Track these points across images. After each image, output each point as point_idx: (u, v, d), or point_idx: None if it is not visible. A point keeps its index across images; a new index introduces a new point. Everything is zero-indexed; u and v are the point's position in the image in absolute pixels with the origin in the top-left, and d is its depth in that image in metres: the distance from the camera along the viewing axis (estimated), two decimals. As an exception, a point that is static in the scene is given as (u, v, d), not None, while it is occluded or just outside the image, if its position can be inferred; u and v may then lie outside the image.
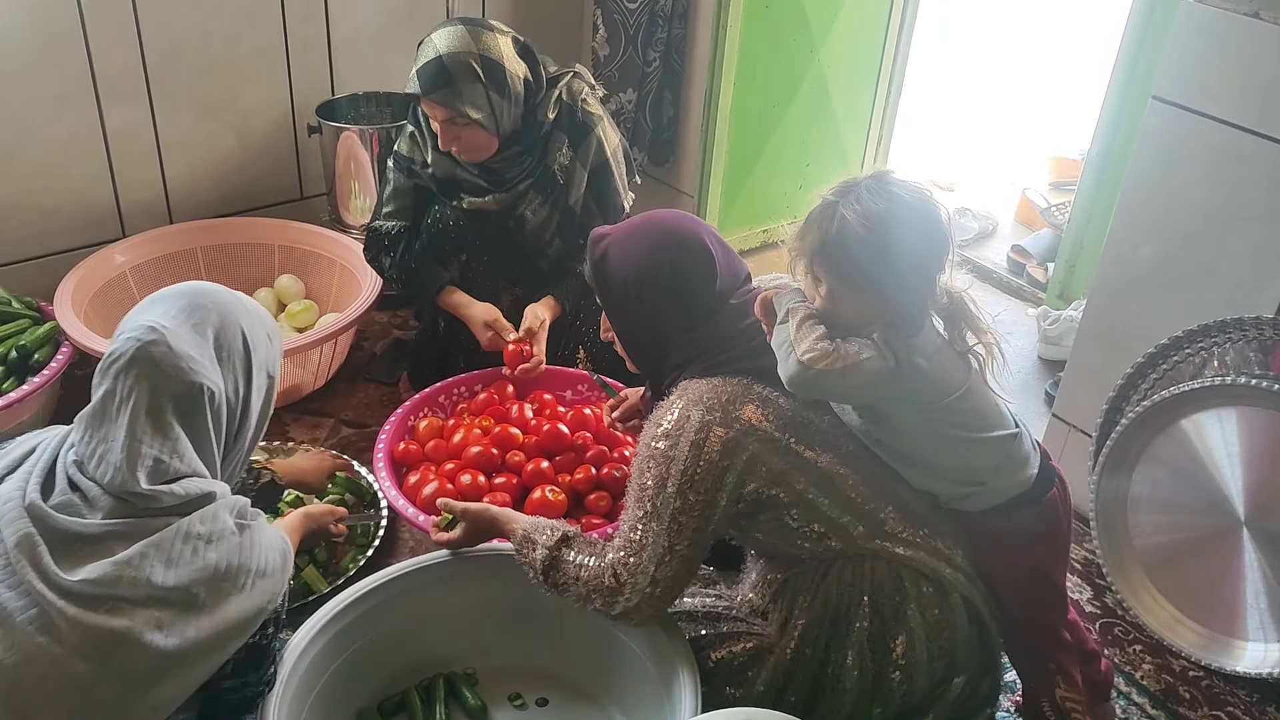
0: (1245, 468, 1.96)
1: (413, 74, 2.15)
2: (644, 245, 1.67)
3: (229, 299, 1.45)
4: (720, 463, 1.50)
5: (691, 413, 1.52)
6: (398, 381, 2.67)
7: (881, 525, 1.55)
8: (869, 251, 1.43)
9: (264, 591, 1.38)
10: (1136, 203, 2.11)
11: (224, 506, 1.36)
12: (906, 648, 1.56)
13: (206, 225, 2.82)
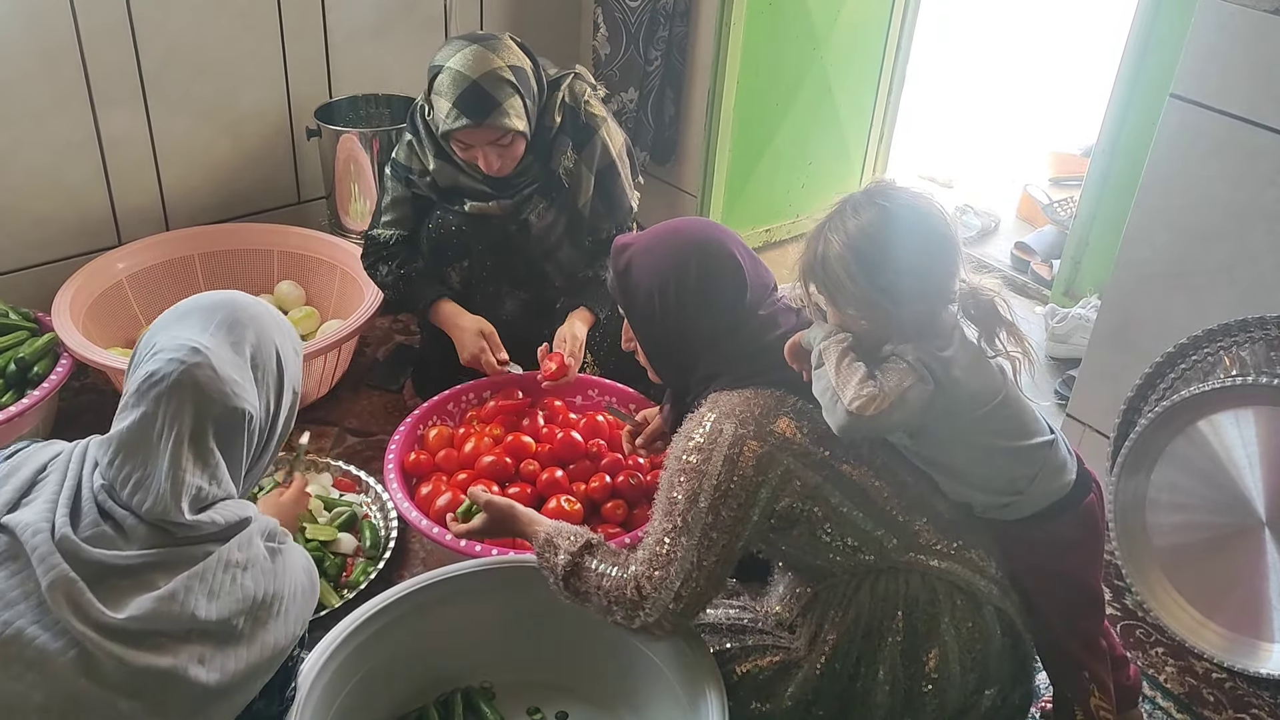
0: (1265, 468, 1.95)
1: (447, 108, 2.09)
2: (669, 254, 1.62)
3: (263, 314, 1.39)
4: (755, 478, 1.47)
5: (725, 426, 1.49)
6: (402, 388, 2.63)
7: (915, 538, 1.53)
8: (855, 272, 1.42)
9: (297, 617, 1.34)
10: (1153, 200, 2.09)
11: (257, 530, 1.32)
12: (940, 661, 1.53)
13: (204, 231, 2.77)
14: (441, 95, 2.09)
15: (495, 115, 2.08)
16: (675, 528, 1.49)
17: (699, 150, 3.14)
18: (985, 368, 1.49)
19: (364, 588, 1.99)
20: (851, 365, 1.43)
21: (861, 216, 1.42)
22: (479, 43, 2.12)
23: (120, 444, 1.26)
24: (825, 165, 3.46)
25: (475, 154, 2.14)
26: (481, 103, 2.07)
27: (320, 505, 2.15)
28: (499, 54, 2.11)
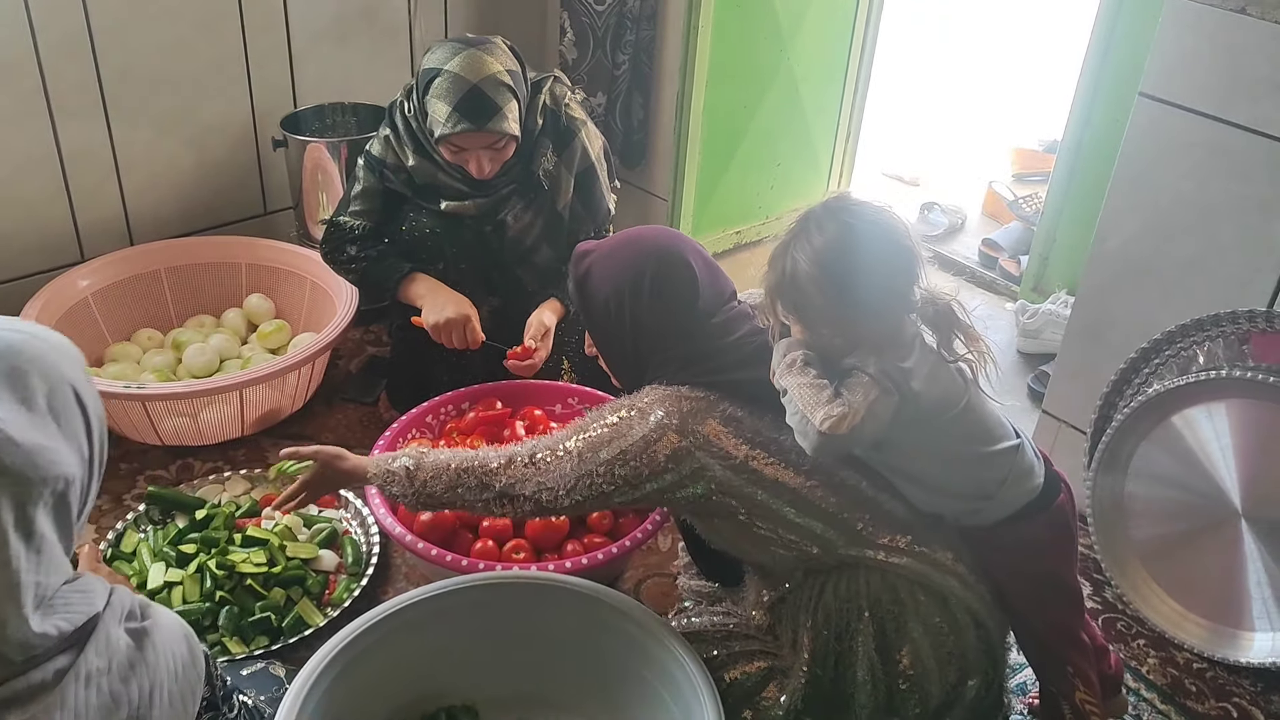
0: (1240, 460, 1.98)
1: (446, 111, 2.06)
2: (626, 263, 1.65)
3: (41, 348, 1.10)
4: (663, 464, 1.52)
5: (655, 410, 1.54)
6: (376, 400, 2.60)
7: (859, 532, 1.54)
8: (826, 288, 1.44)
9: (185, 694, 1.17)
10: (1124, 198, 2.11)
11: (113, 620, 1.10)
12: (913, 659, 1.55)
13: (170, 245, 2.73)
14: (440, 99, 2.07)
15: (496, 120, 2.07)
16: (567, 452, 1.55)
17: (669, 154, 3.14)
18: (946, 375, 1.51)
19: (348, 605, 1.97)
20: (815, 386, 1.45)
21: (826, 233, 1.44)
22: (476, 46, 2.10)
23: None
24: (793, 166, 3.47)
25: (467, 157, 2.13)
26: (482, 107, 2.06)
27: (300, 522, 2.12)
28: (496, 58, 2.10)
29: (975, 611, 1.58)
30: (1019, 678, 1.91)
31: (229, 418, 2.34)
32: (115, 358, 2.53)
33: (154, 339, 2.63)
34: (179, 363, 2.55)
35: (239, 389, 2.26)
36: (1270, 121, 1.87)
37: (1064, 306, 2.91)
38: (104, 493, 2.27)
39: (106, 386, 2.23)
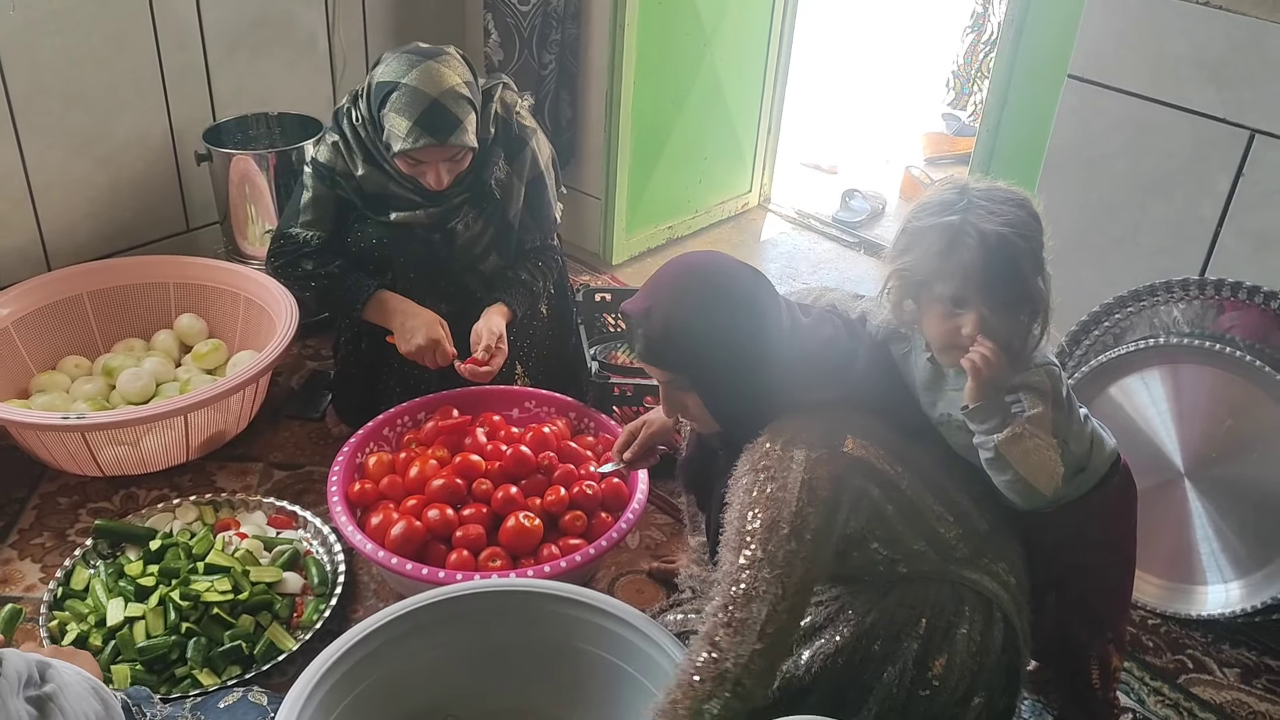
0: (1178, 423, 2.07)
1: (406, 126, 2.01)
2: (706, 294, 1.50)
3: None
4: (832, 499, 1.43)
5: (794, 452, 1.43)
6: (323, 415, 2.55)
7: (952, 551, 1.54)
8: (1013, 270, 1.40)
9: None
10: (1056, 177, 2.19)
11: (9, 693, 1.02)
12: (944, 669, 1.54)
13: (92, 269, 2.62)
14: (399, 113, 2.03)
15: (457, 134, 2.04)
16: (755, 560, 1.39)
17: (600, 152, 3.14)
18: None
19: (319, 626, 1.92)
20: (1054, 447, 1.44)
21: (1005, 212, 1.41)
22: (432, 59, 2.06)
23: None
24: (720, 160, 3.51)
25: (425, 170, 2.09)
26: (444, 121, 2.02)
27: (260, 545, 2.07)
28: (453, 69, 2.06)
29: (1014, 631, 1.58)
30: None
31: (173, 443, 2.27)
32: (43, 388, 2.43)
33: (82, 366, 2.53)
34: (112, 389, 2.45)
35: (183, 413, 2.19)
36: (1194, 98, 1.96)
37: (992, 285, 3.00)
38: (47, 529, 2.17)
39: (41, 418, 2.14)
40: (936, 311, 1.45)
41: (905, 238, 1.47)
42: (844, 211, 3.71)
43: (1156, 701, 1.93)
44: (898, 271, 1.47)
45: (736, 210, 3.69)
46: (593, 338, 2.66)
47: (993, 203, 1.41)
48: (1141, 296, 2.10)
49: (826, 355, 1.53)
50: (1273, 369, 1.89)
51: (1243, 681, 1.98)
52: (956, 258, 1.39)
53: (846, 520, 1.46)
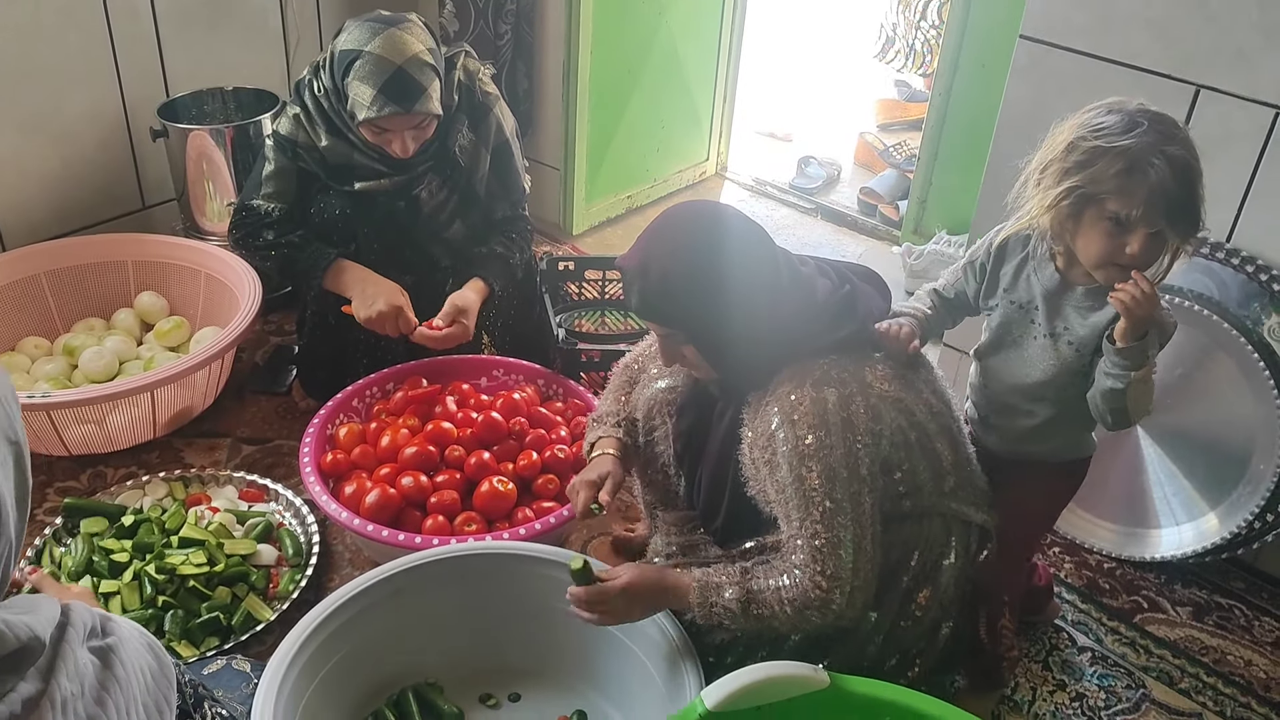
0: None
1: (370, 95, 2.01)
2: (697, 242, 1.51)
3: None
4: (874, 428, 1.48)
5: (824, 394, 1.47)
6: (289, 390, 2.54)
7: (944, 482, 1.59)
8: (1191, 193, 1.43)
9: (158, 704, 1.12)
10: (1010, 136, 2.23)
11: (77, 641, 1.03)
12: (929, 599, 1.60)
13: (48, 248, 2.59)
14: (363, 81, 2.02)
15: (422, 101, 2.03)
16: (825, 512, 1.46)
17: (558, 122, 3.14)
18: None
19: (295, 597, 1.94)
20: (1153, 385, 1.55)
21: (1181, 136, 1.44)
22: (394, 25, 2.05)
23: None
24: (677, 128, 3.53)
25: (390, 138, 2.08)
26: (408, 89, 2.02)
27: (233, 519, 2.07)
28: (416, 36, 2.06)
29: (987, 548, 1.65)
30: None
31: (140, 421, 2.26)
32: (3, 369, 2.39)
33: (42, 347, 2.50)
34: (74, 369, 2.43)
35: (149, 390, 2.18)
36: (1141, 54, 2.01)
37: (947, 245, 3.06)
38: (14, 510, 2.16)
39: (6, 398, 2.11)
40: (1101, 229, 1.48)
41: (1079, 155, 1.48)
42: (800, 178, 3.75)
43: (1114, 640, 2.00)
44: (1071, 188, 1.49)
45: (695, 179, 3.71)
46: (557, 306, 2.68)
47: (1167, 126, 1.44)
48: (1093, 251, 2.16)
49: (830, 301, 1.56)
50: (1221, 319, 1.95)
51: (1195, 619, 2.06)
52: (1141, 179, 1.41)
53: (888, 449, 1.51)
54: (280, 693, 1.53)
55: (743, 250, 1.52)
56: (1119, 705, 1.87)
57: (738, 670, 1.41)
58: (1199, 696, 1.90)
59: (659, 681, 1.64)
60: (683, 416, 1.74)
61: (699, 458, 1.72)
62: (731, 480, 1.62)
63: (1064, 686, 1.90)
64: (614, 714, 1.75)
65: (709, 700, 1.36)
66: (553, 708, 1.76)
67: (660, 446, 1.78)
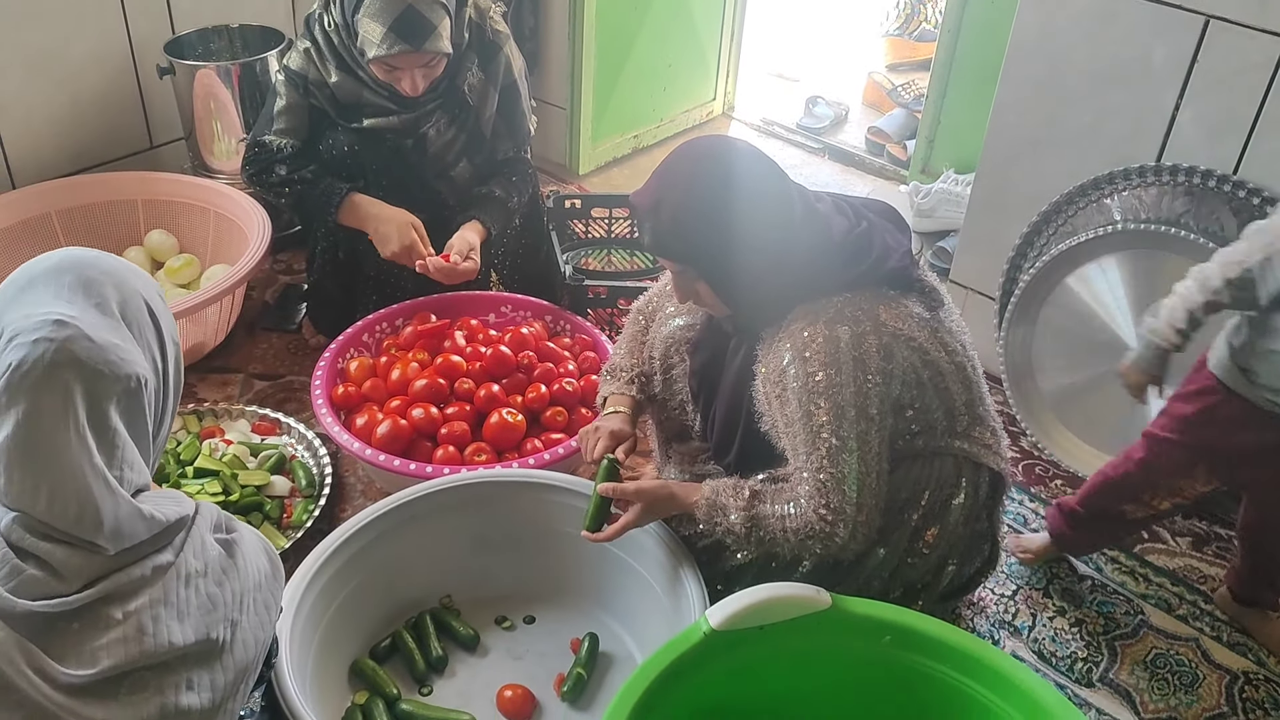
0: (1134, 308, 2.14)
1: (380, 33, 2.00)
2: (710, 179, 1.51)
3: (116, 264, 1.18)
4: (885, 367, 1.50)
5: (837, 331, 1.48)
6: (299, 327, 2.57)
7: (956, 422, 1.61)
8: None
9: (268, 604, 1.23)
10: (1019, 70, 2.22)
11: (205, 527, 1.17)
12: (936, 538, 1.62)
13: (59, 186, 2.60)
14: (373, 19, 2.01)
15: (432, 40, 2.03)
16: (831, 449, 1.48)
17: (564, 61, 3.13)
18: None
19: (309, 525, 1.97)
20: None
21: None
22: None
23: (8, 457, 1.03)
24: (684, 68, 3.50)
25: (400, 76, 2.08)
26: (418, 27, 2.01)
27: (247, 451, 2.10)
28: None
29: (997, 489, 1.68)
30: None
31: (153, 356, 2.28)
32: (17, 306, 2.42)
33: (54, 284, 2.52)
34: (86, 306, 2.45)
35: (161, 325, 2.20)
36: (1152, -14, 1.99)
37: (954, 184, 3.05)
38: (31, 443, 2.19)
39: (21, 333, 2.14)
40: None
41: None
42: (808, 118, 3.73)
43: (1114, 569, 2.03)
44: None
45: (701, 119, 3.70)
46: (564, 244, 2.69)
47: None
48: (1101, 184, 2.16)
49: (847, 239, 1.56)
50: (1226, 250, 1.95)
51: (1194, 549, 2.09)
52: None
53: (900, 388, 1.52)
54: (297, 617, 1.57)
55: (756, 187, 1.52)
56: (1118, 630, 1.91)
57: (741, 590, 1.44)
58: (1196, 623, 1.93)
59: (665, 604, 1.68)
60: (698, 353, 1.76)
61: (714, 394, 1.74)
62: (745, 416, 1.64)
63: (1064, 613, 1.93)
64: (624, 635, 1.80)
65: (713, 619, 1.40)
66: (565, 630, 1.81)
67: (678, 384, 1.81)
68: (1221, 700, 1.79)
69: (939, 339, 1.58)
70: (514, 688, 1.68)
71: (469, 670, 1.75)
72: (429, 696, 1.70)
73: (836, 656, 1.45)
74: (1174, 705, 1.78)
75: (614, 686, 1.71)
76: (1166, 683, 1.82)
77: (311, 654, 1.61)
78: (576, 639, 1.78)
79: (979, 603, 1.94)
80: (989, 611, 1.92)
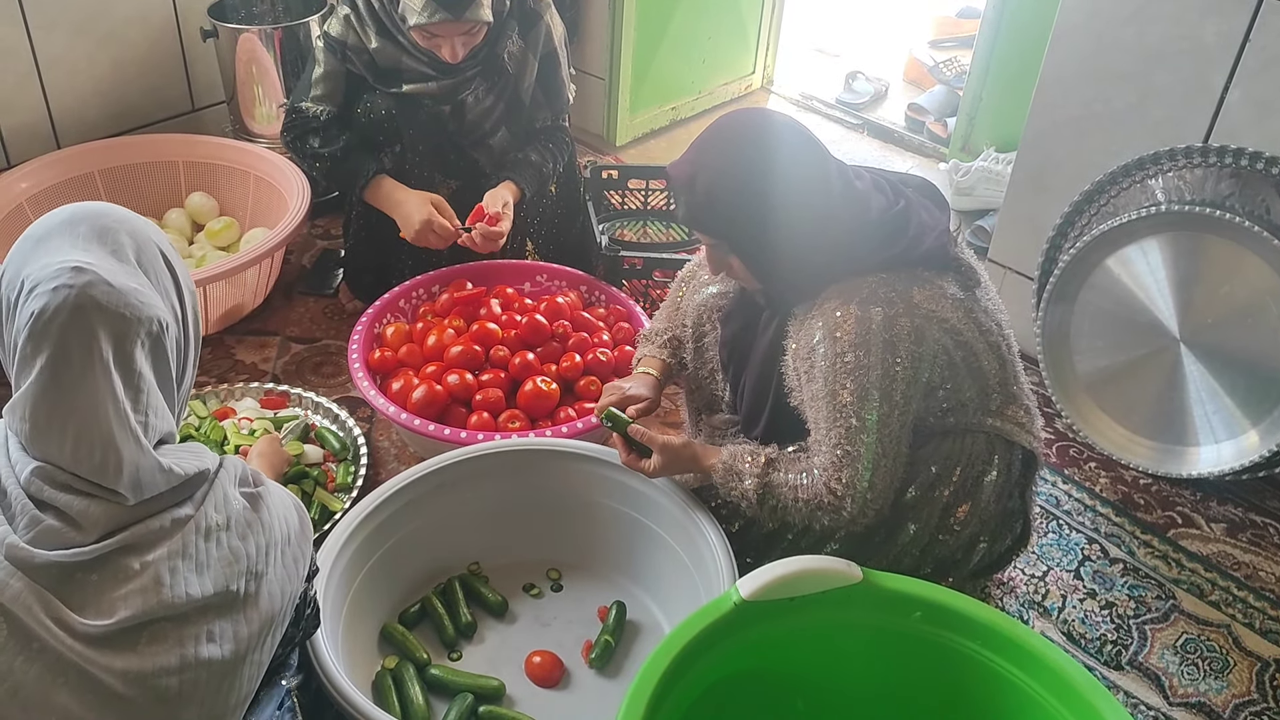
0: (1174, 290, 2.12)
1: (421, 1, 2.01)
2: (746, 154, 1.50)
3: (127, 214, 1.19)
4: (916, 350, 1.49)
5: (870, 313, 1.48)
6: (336, 292, 2.59)
7: (989, 401, 1.61)
8: None
9: (296, 557, 1.23)
10: (1065, 47, 2.19)
11: (229, 480, 1.17)
12: (968, 515, 1.62)
13: (103, 146, 2.63)
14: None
15: (472, 8, 2.03)
16: (850, 429, 1.49)
17: (603, 31, 3.12)
18: None
19: (360, 485, 1.97)
20: None
21: None
22: None
23: (35, 402, 1.05)
24: (724, 41, 3.48)
25: (439, 44, 2.09)
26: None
27: (270, 425, 2.08)
28: None
29: (1030, 467, 1.67)
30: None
31: (192, 317, 2.31)
32: (60, 265, 2.45)
33: (97, 244, 2.55)
34: (128, 266, 2.48)
35: (201, 286, 2.22)
36: (1204, -36, 1.96)
37: (995, 162, 3.02)
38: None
39: (65, 291, 2.17)
40: None
41: None
42: (847, 93, 3.70)
43: (1146, 553, 2.02)
44: None
45: (740, 92, 3.68)
46: (600, 215, 2.69)
47: None
48: (1145, 165, 2.13)
49: (884, 219, 1.55)
50: (1271, 235, 1.93)
51: (1228, 535, 2.07)
52: None
53: (929, 371, 1.52)
54: (330, 581, 1.59)
55: (793, 164, 1.51)
56: (1148, 614, 1.90)
57: (772, 562, 1.45)
58: (1228, 609, 1.92)
59: (693, 575, 1.69)
60: (729, 323, 1.75)
61: (744, 365, 1.74)
62: (774, 390, 1.65)
63: (1094, 595, 1.93)
64: (651, 605, 1.81)
65: (744, 590, 1.40)
66: (593, 598, 1.82)
67: (710, 352, 1.81)
68: (1252, 687, 1.78)
69: (973, 318, 1.57)
70: (542, 654, 1.70)
71: (498, 636, 1.77)
72: (458, 662, 1.72)
73: (866, 630, 1.45)
74: (1204, 690, 1.77)
75: (641, 654, 1.73)
76: (1196, 668, 1.81)
77: (342, 619, 1.63)
78: (604, 607, 1.79)
79: (1009, 582, 1.94)
80: (1019, 591, 1.92)
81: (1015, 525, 1.73)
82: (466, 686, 1.64)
